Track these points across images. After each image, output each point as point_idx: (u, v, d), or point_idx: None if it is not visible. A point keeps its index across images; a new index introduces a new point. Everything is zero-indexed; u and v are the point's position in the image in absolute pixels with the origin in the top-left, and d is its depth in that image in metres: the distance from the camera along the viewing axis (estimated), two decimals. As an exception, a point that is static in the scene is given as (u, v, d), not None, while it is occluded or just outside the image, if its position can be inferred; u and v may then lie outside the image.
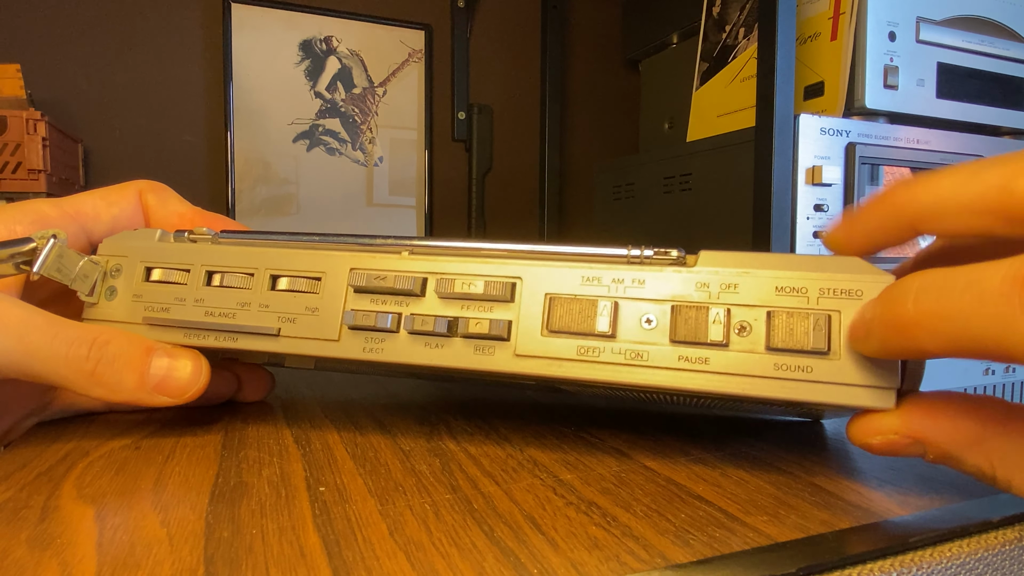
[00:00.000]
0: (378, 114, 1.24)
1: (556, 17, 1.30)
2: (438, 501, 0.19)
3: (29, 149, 0.82)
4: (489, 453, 0.23)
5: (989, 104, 0.92)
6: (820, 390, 0.18)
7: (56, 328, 0.23)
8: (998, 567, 0.17)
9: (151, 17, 1.08)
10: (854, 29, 0.82)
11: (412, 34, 1.25)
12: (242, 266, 0.24)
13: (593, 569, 0.15)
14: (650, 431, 0.26)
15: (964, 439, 0.17)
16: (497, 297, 0.21)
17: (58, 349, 0.23)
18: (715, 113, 0.98)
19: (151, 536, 0.17)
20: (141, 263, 0.26)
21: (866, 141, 0.82)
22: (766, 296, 0.19)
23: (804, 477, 0.21)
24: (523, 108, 1.34)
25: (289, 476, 0.21)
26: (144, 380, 0.24)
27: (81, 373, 0.23)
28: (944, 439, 0.17)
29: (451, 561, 0.15)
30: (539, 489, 0.20)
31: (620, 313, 0.20)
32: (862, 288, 0.18)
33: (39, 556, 0.16)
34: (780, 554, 0.16)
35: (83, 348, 0.23)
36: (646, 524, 0.17)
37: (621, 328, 0.20)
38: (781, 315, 0.18)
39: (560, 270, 0.21)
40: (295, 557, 0.16)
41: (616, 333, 0.20)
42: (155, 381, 0.24)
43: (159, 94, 1.09)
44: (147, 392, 0.24)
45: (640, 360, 0.20)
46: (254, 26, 1.14)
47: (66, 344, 0.23)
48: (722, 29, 0.97)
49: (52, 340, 0.23)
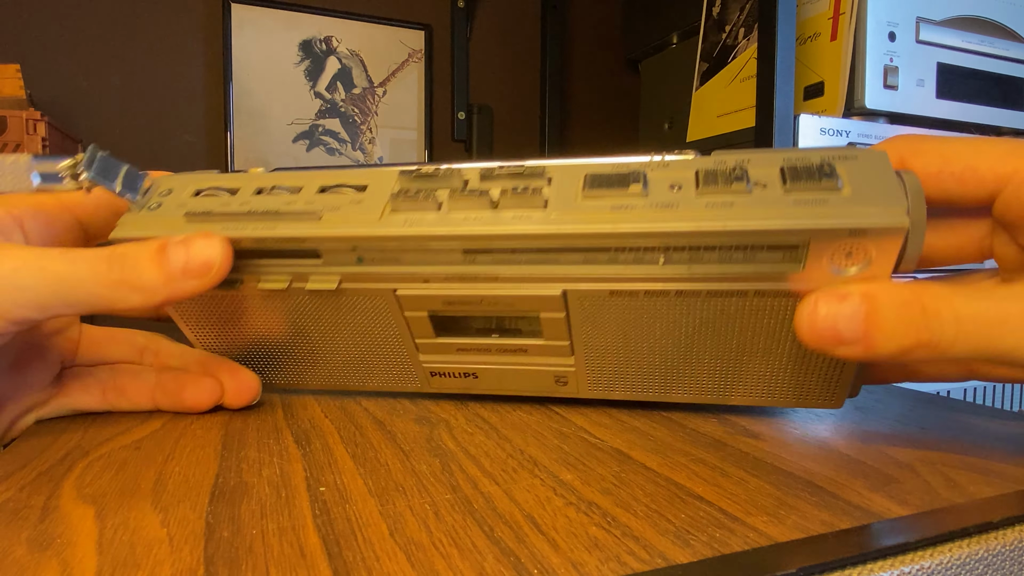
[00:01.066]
0: (378, 114, 1.24)
1: (556, 17, 1.30)
2: (438, 501, 0.19)
3: (29, 149, 0.82)
4: (489, 453, 0.23)
5: (989, 104, 0.92)
6: (837, 215, 0.20)
7: (71, 254, 0.23)
8: (998, 567, 0.17)
9: (151, 17, 1.08)
10: (854, 29, 0.82)
11: (412, 34, 1.25)
12: (291, 183, 0.26)
13: (593, 569, 0.15)
14: (650, 431, 0.26)
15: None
16: (533, 174, 0.24)
17: (80, 270, 0.23)
18: (715, 113, 0.98)
19: (151, 536, 0.17)
20: (193, 185, 0.27)
21: (866, 141, 0.82)
22: (777, 161, 0.22)
23: (804, 477, 0.21)
24: (523, 108, 1.34)
25: (289, 476, 0.21)
26: (170, 271, 0.24)
27: (111, 285, 0.23)
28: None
29: (451, 561, 0.15)
30: (539, 489, 0.20)
31: (648, 180, 0.23)
32: (857, 155, 0.22)
33: (39, 556, 0.16)
34: (780, 554, 0.16)
35: (103, 263, 0.23)
36: (646, 524, 0.17)
37: (651, 190, 0.22)
38: (793, 165, 0.21)
39: (588, 161, 0.24)
40: (295, 557, 0.16)
41: (647, 193, 0.22)
42: (178, 268, 0.24)
43: (159, 94, 1.09)
44: (178, 281, 0.24)
45: (670, 210, 0.21)
46: (254, 26, 1.14)
47: (87, 263, 0.23)
48: (722, 29, 0.97)
49: (72, 264, 0.23)
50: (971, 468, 0.21)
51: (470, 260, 0.24)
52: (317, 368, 0.30)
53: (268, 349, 0.29)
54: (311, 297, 0.26)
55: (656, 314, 0.24)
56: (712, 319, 0.24)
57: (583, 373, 0.27)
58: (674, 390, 0.27)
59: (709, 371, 0.26)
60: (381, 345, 0.28)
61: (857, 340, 0.20)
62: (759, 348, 0.25)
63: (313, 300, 0.27)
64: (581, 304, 0.24)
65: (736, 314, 0.23)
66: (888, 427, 0.27)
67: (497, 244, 0.23)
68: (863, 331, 0.20)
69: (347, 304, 0.27)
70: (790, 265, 0.21)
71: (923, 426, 0.27)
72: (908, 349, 0.20)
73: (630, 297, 0.24)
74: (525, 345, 0.27)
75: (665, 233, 0.21)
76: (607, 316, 0.25)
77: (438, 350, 0.28)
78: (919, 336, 0.20)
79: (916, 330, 0.20)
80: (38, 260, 0.23)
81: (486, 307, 0.25)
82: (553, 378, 0.28)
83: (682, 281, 0.23)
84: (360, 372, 0.29)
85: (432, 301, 0.26)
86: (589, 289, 0.24)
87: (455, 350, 0.28)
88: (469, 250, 0.24)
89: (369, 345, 0.28)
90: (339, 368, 0.29)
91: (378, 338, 0.28)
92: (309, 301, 0.27)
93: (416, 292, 0.25)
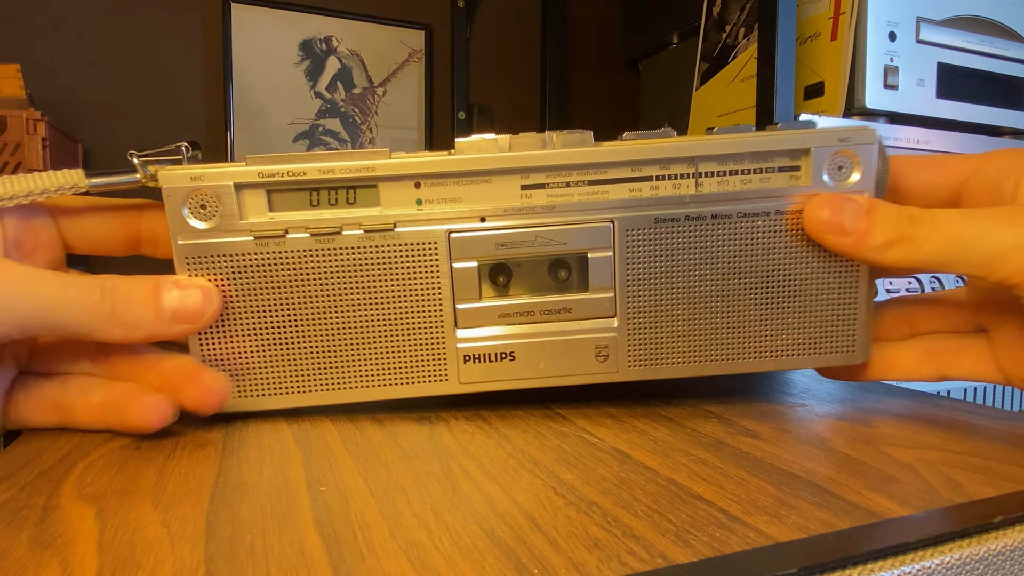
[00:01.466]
0: (378, 114, 1.24)
1: (556, 17, 1.30)
2: (438, 501, 0.19)
3: (29, 149, 0.82)
4: (489, 453, 0.23)
5: (989, 104, 0.92)
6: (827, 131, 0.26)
7: (65, 279, 0.23)
8: (998, 567, 0.17)
9: (151, 17, 1.08)
10: (854, 29, 0.82)
11: (412, 34, 1.25)
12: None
13: (594, 569, 0.15)
14: (650, 431, 0.26)
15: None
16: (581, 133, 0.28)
17: (73, 296, 0.23)
18: (715, 113, 0.98)
19: (152, 536, 0.17)
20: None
21: (866, 141, 0.82)
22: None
23: (804, 477, 0.21)
24: (523, 108, 1.34)
25: (289, 476, 0.21)
26: (161, 311, 0.24)
27: (99, 316, 0.23)
28: None
29: (451, 561, 0.15)
30: (539, 489, 0.20)
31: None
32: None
33: (40, 556, 0.16)
34: (780, 554, 0.16)
35: (95, 293, 0.23)
36: (647, 524, 0.17)
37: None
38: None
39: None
40: (296, 557, 0.16)
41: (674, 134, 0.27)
42: (171, 311, 0.24)
43: (159, 94, 1.09)
44: (166, 323, 0.24)
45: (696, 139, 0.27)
46: (254, 26, 1.14)
47: (79, 291, 0.23)
48: (722, 29, 0.97)
49: (65, 289, 0.23)
50: (971, 468, 0.21)
51: (527, 196, 0.27)
52: (334, 368, 0.27)
53: (280, 346, 0.27)
54: (351, 258, 0.26)
55: (696, 244, 0.27)
56: (743, 250, 0.27)
57: (624, 340, 0.28)
58: (711, 356, 0.28)
59: (742, 324, 0.28)
60: (416, 322, 0.27)
61: (854, 230, 0.25)
62: (784, 287, 0.27)
63: (352, 263, 0.26)
64: (629, 237, 0.27)
65: (763, 241, 0.27)
66: (888, 427, 0.27)
67: (552, 175, 0.27)
68: (863, 223, 0.25)
69: (390, 264, 0.26)
70: (797, 183, 0.27)
71: (923, 426, 0.27)
72: (892, 241, 0.25)
73: (672, 224, 0.27)
74: (569, 303, 0.27)
75: (696, 151, 0.26)
76: (651, 252, 0.27)
77: (479, 318, 0.27)
78: (903, 231, 0.25)
79: (901, 227, 0.25)
80: (30, 281, 0.23)
81: (539, 247, 0.27)
82: (595, 350, 0.28)
83: (715, 203, 0.27)
84: (385, 366, 0.27)
85: (485, 244, 0.27)
86: (636, 215, 0.27)
87: (497, 316, 0.27)
88: (526, 185, 0.27)
89: (402, 323, 0.27)
90: (361, 364, 0.27)
91: (414, 312, 0.27)
92: (346, 265, 0.26)
93: (471, 233, 0.27)
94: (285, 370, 0.27)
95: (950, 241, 0.24)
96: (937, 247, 0.24)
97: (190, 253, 0.26)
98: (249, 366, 0.27)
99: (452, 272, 0.27)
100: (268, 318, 0.27)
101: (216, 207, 0.26)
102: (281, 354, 0.27)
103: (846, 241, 0.26)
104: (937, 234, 0.24)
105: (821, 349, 0.28)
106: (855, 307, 0.28)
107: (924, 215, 0.25)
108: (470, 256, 0.27)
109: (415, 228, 0.26)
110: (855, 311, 0.28)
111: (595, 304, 0.27)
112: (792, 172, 0.27)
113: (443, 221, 0.27)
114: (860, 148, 0.27)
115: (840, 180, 0.27)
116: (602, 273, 0.27)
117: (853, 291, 0.28)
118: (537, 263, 0.28)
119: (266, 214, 0.26)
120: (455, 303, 0.27)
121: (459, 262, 0.27)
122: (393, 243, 0.26)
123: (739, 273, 0.27)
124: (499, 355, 0.28)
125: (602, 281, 0.27)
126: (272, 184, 0.26)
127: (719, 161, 0.27)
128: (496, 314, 0.28)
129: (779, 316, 0.28)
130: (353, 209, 0.26)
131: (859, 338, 0.28)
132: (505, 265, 0.28)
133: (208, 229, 0.26)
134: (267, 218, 0.26)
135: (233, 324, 0.27)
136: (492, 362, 0.28)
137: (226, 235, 0.26)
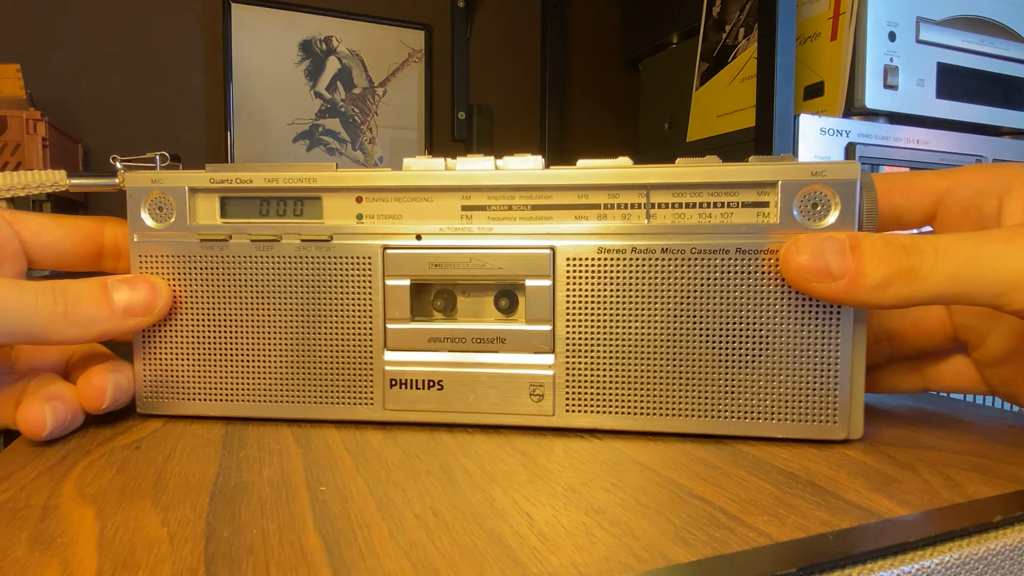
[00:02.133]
0: (378, 114, 1.24)
1: (556, 17, 1.30)
2: (437, 501, 0.19)
3: (29, 149, 0.82)
4: (489, 453, 0.23)
5: (989, 104, 0.92)
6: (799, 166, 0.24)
7: (19, 283, 0.24)
8: (998, 567, 0.17)
9: (151, 17, 1.08)
10: (854, 29, 0.82)
11: (412, 34, 1.25)
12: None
13: (594, 569, 0.15)
14: (651, 431, 0.26)
15: None
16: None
17: (28, 300, 0.24)
18: (715, 113, 0.98)
19: (151, 536, 0.17)
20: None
21: (866, 141, 0.82)
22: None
23: (804, 477, 0.21)
24: (523, 108, 1.34)
25: (289, 476, 0.21)
26: (112, 308, 0.25)
27: (55, 317, 0.24)
28: None
29: (451, 561, 0.15)
30: (539, 489, 0.20)
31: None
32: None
33: (40, 556, 0.16)
34: (780, 554, 0.16)
35: (48, 295, 0.24)
36: (647, 524, 0.17)
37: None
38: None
39: None
40: (296, 557, 0.16)
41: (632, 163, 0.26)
42: (122, 306, 0.25)
43: (159, 94, 1.09)
44: (119, 318, 0.25)
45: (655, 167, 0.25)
46: (254, 26, 1.14)
47: (33, 294, 0.24)
48: (722, 29, 0.97)
49: (20, 293, 0.24)
50: (971, 468, 0.21)
51: (467, 218, 0.26)
52: (263, 379, 0.27)
53: (214, 351, 0.27)
54: (287, 268, 0.27)
55: (643, 280, 0.25)
56: (698, 291, 0.24)
57: (561, 379, 0.26)
58: (659, 409, 0.25)
59: (697, 377, 0.25)
60: (346, 339, 0.26)
61: (844, 272, 0.22)
62: (746, 336, 0.24)
63: (287, 272, 0.27)
64: (569, 266, 0.25)
65: (721, 282, 0.24)
66: (888, 427, 0.27)
67: (493, 197, 0.26)
68: (851, 263, 0.22)
69: (325, 277, 0.27)
70: (765, 220, 0.24)
71: (923, 426, 0.27)
72: (889, 278, 0.21)
73: (618, 256, 0.25)
74: (503, 333, 0.26)
75: (648, 179, 0.25)
76: (594, 284, 0.25)
77: (408, 340, 0.26)
78: (901, 263, 0.21)
79: (897, 259, 0.21)
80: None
81: (473, 270, 0.26)
82: (529, 387, 0.26)
83: (667, 235, 0.25)
84: (313, 383, 0.27)
85: (419, 262, 0.26)
86: (578, 245, 0.25)
87: (427, 339, 0.26)
88: (467, 207, 0.26)
89: (332, 340, 0.27)
90: (288, 376, 0.27)
91: (345, 329, 0.26)
92: (282, 274, 0.27)
93: (406, 251, 0.26)
94: (217, 376, 0.27)
95: (961, 270, 0.21)
96: (945, 278, 0.21)
97: (143, 251, 0.27)
98: (184, 368, 0.28)
99: (384, 289, 0.26)
100: (206, 321, 0.27)
101: (172, 209, 0.27)
102: (215, 359, 0.27)
103: (836, 287, 0.22)
104: (944, 263, 0.21)
105: (791, 415, 0.24)
106: (835, 366, 0.24)
107: (923, 242, 0.22)
108: (403, 274, 0.26)
109: (352, 241, 0.26)
110: (835, 371, 0.24)
111: (531, 336, 0.26)
112: (759, 208, 0.24)
113: (380, 236, 0.26)
114: (839, 184, 0.23)
115: (814, 219, 0.24)
116: (539, 303, 0.26)
117: (833, 346, 0.24)
118: (483, 292, 0.27)
119: (217, 219, 0.27)
120: (385, 322, 0.27)
121: (392, 279, 0.26)
122: (328, 255, 0.26)
123: (693, 316, 0.24)
124: (427, 383, 0.26)
125: (539, 313, 0.26)
126: (224, 190, 0.27)
127: (674, 192, 0.25)
128: (426, 338, 0.26)
129: (741, 370, 0.24)
130: (297, 220, 0.27)
131: (842, 405, 0.24)
132: (450, 291, 0.27)
133: (161, 229, 0.27)
134: (216, 222, 0.27)
135: (174, 324, 0.28)
136: (419, 390, 0.26)
137: (175, 235, 0.27)
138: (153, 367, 0.28)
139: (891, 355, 0.29)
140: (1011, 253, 0.21)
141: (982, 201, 0.25)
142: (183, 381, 0.28)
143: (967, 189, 0.25)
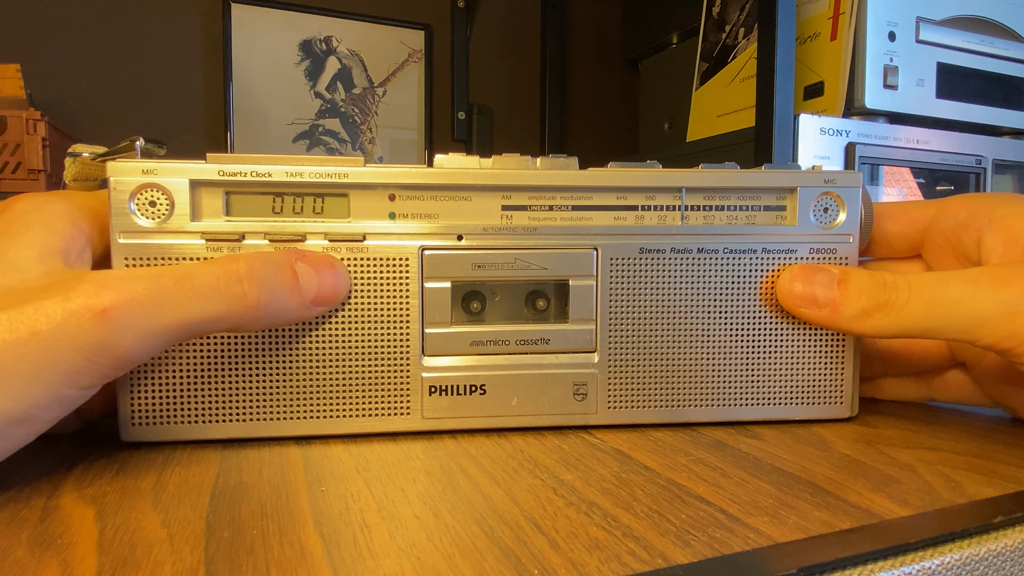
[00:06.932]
0: (378, 114, 1.24)
1: (556, 17, 1.30)
2: (439, 501, 0.19)
3: (29, 149, 0.82)
4: (489, 453, 0.23)
5: (989, 104, 0.92)
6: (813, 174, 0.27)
7: (194, 267, 0.21)
8: (998, 567, 0.17)
9: (151, 17, 1.08)
10: (854, 29, 0.82)
11: (412, 34, 1.25)
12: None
13: (594, 569, 0.15)
14: (650, 431, 0.26)
15: None
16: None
17: (220, 286, 0.21)
18: (715, 113, 0.98)
19: (152, 536, 0.17)
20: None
21: (866, 141, 0.82)
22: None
23: (804, 477, 0.21)
24: (523, 108, 1.34)
25: (289, 476, 0.21)
26: (303, 298, 0.23)
27: (244, 308, 0.21)
28: None
29: (451, 561, 0.15)
30: (540, 489, 0.20)
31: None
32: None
33: (40, 556, 0.16)
34: (780, 554, 0.16)
35: (235, 285, 0.21)
36: (647, 525, 0.17)
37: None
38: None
39: None
40: (296, 557, 0.16)
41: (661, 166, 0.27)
42: (310, 296, 0.23)
43: (159, 94, 1.09)
44: (305, 309, 0.23)
45: (685, 170, 0.26)
46: (254, 26, 1.14)
47: (214, 278, 0.21)
48: (722, 29, 0.97)
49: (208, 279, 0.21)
50: (971, 468, 0.21)
51: (507, 218, 0.26)
52: (285, 395, 0.25)
53: (227, 366, 0.24)
54: None
55: (680, 279, 0.26)
56: (729, 288, 0.26)
57: (604, 377, 0.26)
58: (695, 401, 0.26)
59: (728, 368, 0.27)
60: (380, 346, 0.25)
61: (827, 302, 0.25)
62: (771, 330, 0.27)
63: None
64: (612, 266, 0.26)
65: (749, 280, 0.26)
66: (888, 427, 0.27)
67: (534, 197, 0.26)
68: (835, 293, 0.25)
69: (357, 280, 0.24)
70: (784, 223, 0.27)
71: (923, 426, 0.27)
72: (868, 310, 0.24)
73: (658, 256, 0.26)
74: (548, 333, 0.26)
75: (683, 182, 0.26)
76: (635, 283, 0.26)
77: (449, 345, 0.25)
78: (878, 298, 0.24)
79: (876, 294, 0.24)
80: (169, 278, 0.20)
81: (517, 271, 0.26)
82: (572, 387, 0.26)
83: (702, 237, 0.26)
84: (343, 395, 0.25)
85: (461, 263, 0.25)
86: (620, 244, 0.26)
87: (469, 343, 0.26)
88: (508, 206, 0.26)
89: (364, 347, 0.25)
90: (312, 390, 0.25)
91: (379, 335, 0.25)
92: None
93: (445, 251, 0.25)
94: (231, 394, 0.24)
95: (930, 308, 0.23)
96: (918, 314, 0.23)
97: (131, 253, 0.23)
98: (189, 388, 0.24)
99: (423, 292, 0.25)
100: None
101: (167, 205, 0.23)
102: (228, 375, 0.24)
103: (820, 313, 0.25)
104: (915, 301, 0.23)
105: (808, 399, 0.27)
106: (843, 359, 0.27)
107: (900, 281, 0.24)
108: (443, 276, 0.25)
109: (386, 242, 0.25)
110: (843, 363, 0.27)
111: (575, 336, 0.26)
112: (778, 212, 0.27)
113: (417, 237, 0.25)
114: (845, 191, 0.27)
115: (826, 222, 0.27)
116: (583, 303, 0.26)
117: (841, 336, 0.27)
118: (514, 293, 0.26)
119: (222, 218, 0.24)
120: (423, 327, 0.25)
121: (431, 282, 0.25)
122: (361, 257, 0.24)
123: (725, 312, 0.26)
124: (468, 388, 0.25)
125: (583, 312, 0.26)
126: (232, 184, 0.24)
127: (705, 195, 0.26)
128: (468, 341, 0.26)
129: (766, 361, 0.27)
130: (320, 219, 0.24)
131: (847, 391, 0.27)
132: (480, 292, 0.26)
133: (154, 228, 0.23)
134: (223, 221, 0.24)
135: None
136: (460, 395, 0.25)
137: (174, 236, 0.23)
138: (148, 385, 0.24)
139: (884, 372, 0.30)
140: (975, 295, 0.22)
141: (963, 233, 0.26)
142: (190, 400, 0.24)
143: (950, 220, 0.27)
